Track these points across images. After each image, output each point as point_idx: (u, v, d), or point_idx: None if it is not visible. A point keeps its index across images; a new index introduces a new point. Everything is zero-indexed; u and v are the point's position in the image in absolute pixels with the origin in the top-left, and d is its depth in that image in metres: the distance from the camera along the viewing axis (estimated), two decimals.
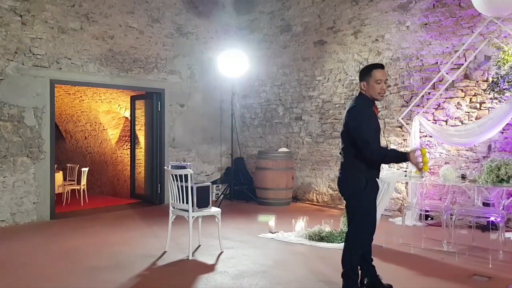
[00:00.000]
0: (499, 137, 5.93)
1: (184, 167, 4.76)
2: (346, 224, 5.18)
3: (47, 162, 6.78)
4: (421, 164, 3.19)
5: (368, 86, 3.36)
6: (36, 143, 6.66)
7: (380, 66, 3.41)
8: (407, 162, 3.52)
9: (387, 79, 3.46)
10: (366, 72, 3.40)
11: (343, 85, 7.83)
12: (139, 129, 8.83)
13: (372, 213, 3.46)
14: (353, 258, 3.38)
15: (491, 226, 5.49)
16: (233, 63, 8.11)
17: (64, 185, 8.49)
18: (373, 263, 3.62)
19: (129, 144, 9.32)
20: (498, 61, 5.72)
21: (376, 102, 3.45)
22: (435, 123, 6.47)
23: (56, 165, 7.24)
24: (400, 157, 3.31)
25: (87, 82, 7.36)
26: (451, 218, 5.08)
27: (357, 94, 3.54)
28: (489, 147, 6.04)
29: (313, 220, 6.10)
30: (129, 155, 9.20)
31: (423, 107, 6.56)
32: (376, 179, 3.47)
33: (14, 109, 6.45)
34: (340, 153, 3.48)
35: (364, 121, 3.28)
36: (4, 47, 6.35)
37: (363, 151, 3.21)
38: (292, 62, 8.66)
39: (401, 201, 6.92)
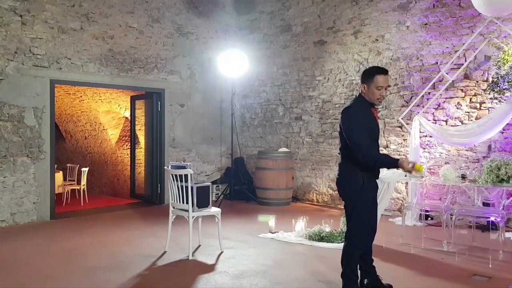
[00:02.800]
0: (499, 137, 5.94)
1: (184, 167, 4.76)
2: (346, 224, 5.20)
3: (47, 162, 6.78)
4: (414, 171, 3.23)
5: (368, 90, 3.32)
6: (36, 143, 6.66)
7: (384, 72, 3.33)
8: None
9: (389, 85, 3.40)
10: (368, 75, 3.33)
11: (343, 85, 7.83)
12: (139, 129, 8.83)
13: (370, 213, 3.44)
14: (352, 259, 3.37)
15: (491, 226, 5.49)
16: (233, 63, 8.11)
17: (64, 185, 8.49)
18: (373, 263, 3.62)
19: (129, 144, 9.32)
20: (498, 61, 5.72)
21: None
22: (435, 123, 6.48)
23: (56, 165, 7.23)
24: (391, 163, 3.28)
25: (87, 82, 7.36)
26: (451, 218, 5.08)
27: (357, 95, 3.52)
28: (489, 147, 6.05)
29: (313, 220, 6.10)
30: (129, 155, 9.20)
31: (423, 107, 6.56)
32: (376, 177, 3.45)
33: (14, 109, 6.45)
34: (339, 153, 3.48)
35: (357, 122, 3.26)
36: (4, 47, 6.35)
37: (358, 154, 3.22)
38: (292, 62, 8.66)
39: (401, 201, 6.92)
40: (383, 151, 7.04)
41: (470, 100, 6.26)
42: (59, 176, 8.13)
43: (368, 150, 3.24)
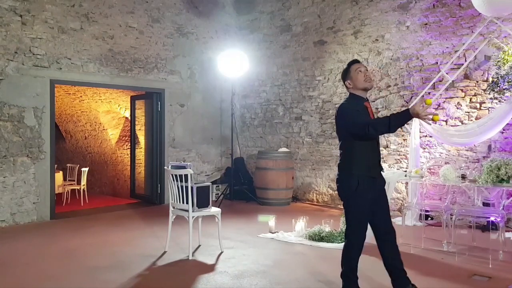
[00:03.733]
0: (499, 137, 5.94)
1: (184, 167, 4.76)
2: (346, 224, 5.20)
3: (47, 162, 6.78)
4: (430, 115, 3.00)
5: (352, 81, 3.37)
6: (36, 143, 6.66)
7: (356, 61, 3.46)
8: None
9: (367, 68, 3.42)
10: (345, 71, 3.46)
11: (343, 85, 7.81)
12: (139, 129, 8.82)
13: (367, 214, 3.33)
14: (352, 259, 3.35)
15: (491, 226, 5.49)
16: (233, 63, 8.11)
17: (64, 185, 8.49)
18: (405, 274, 3.47)
19: (129, 144, 9.32)
20: (498, 61, 5.72)
21: (370, 100, 3.46)
22: (435, 123, 6.47)
23: (56, 165, 7.23)
24: (404, 115, 3.08)
25: (87, 82, 7.36)
26: (451, 218, 5.07)
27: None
28: (489, 147, 6.05)
29: (313, 220, 6.10)
30: (129, 155, 9.20)
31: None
32: (376, 178, 3.35)
33: (14, 109, 6.45)
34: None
35: (353, 112, 3.26)
36: (4, 47, 6.35)
37: (367, 133, 3.10)
38: (292, 62, 8.66)
39: (401, 201, 6.92)
40: (382, 151, 7.04)
41: (470, 100, 6.26)
42: (59, 176, 8.13)
43: (374, 120, 3.23)
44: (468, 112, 6.27)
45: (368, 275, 4.00)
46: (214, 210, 4.94)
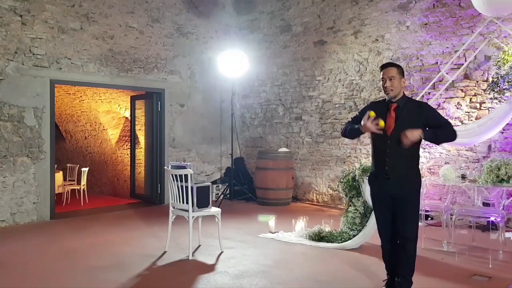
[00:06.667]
0: (499, 137, 5.94)
1: (184, 167, 4.76)
2: (347, 224, 5.20)
3: (47, 162, 6.78)
4: (376, 125, 3.20)
5: None
6: (36, 143, 6.66)
7: (383, 66, 3.43)
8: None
9: (393, 76, 3.31)
10: None
11: (343, 85, 7.83)
12: (139, 129, 8.82)
13: (376, 209, 3.51)
14: (382, 252, 3.49)
15: (491, 226, 5.49)
16: (233, 63, 8.11)
17: (64, 185, 8.48)
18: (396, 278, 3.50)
19: (129, 144, 9.32)
20: (498, 61, 5.72)
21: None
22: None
23: (56, 165, 7.23)
24: (356, 128, 3.39)
25: (87, 82, 7.36)
26: (451, 218, 5.08)
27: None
28: (489, 147, 6.05)
29: (313, 220, 6.10)
30: (129, 155, 9.19)
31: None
32: (379, 176, 3.33)
33: (14, 109, 6.45)
34: None
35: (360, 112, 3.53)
36: (4, 47, 6.35)
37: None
38: (292, 62, 8.66)
39: None
40: None
41: (470, 100, 6.26)
42: (59, 176, 8.12)
43: (345, 127, 3.53)
44: (468, 112, 6.27)
45: (372, 271, 3.99)
46: (214, 210, 4.94)
